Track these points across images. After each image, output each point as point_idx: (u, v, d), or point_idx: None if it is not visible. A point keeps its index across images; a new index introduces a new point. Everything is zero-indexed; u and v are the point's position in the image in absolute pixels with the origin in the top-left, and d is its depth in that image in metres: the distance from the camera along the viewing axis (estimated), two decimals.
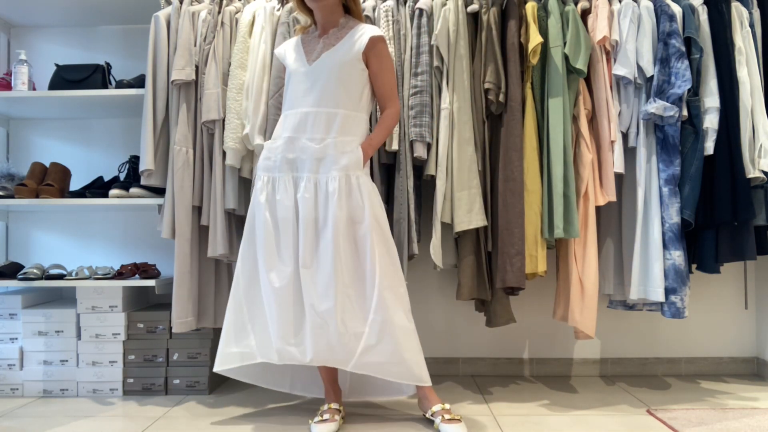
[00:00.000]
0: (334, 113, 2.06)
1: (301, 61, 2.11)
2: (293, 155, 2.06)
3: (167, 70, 2.43)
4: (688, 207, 2.28)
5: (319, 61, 2.08)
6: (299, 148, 2.05)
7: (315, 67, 2.07)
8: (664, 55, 2.32)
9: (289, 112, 2.10)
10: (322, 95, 2.06)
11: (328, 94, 2.06)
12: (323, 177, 2.03)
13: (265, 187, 2.08)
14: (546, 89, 2.33)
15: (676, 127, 2.30)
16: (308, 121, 2.05)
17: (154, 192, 2.53)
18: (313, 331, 1.98)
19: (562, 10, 2.34)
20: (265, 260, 2.05)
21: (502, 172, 2.31)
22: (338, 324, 1.97)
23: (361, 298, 2.01)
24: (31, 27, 3.00)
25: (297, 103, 2.09)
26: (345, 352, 1.98)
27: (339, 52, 2.07)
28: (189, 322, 2.36)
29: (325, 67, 2.06)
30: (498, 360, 2.82)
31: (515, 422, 2.14)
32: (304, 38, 2.17)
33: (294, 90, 2.10)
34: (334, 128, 2.05)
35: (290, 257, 2.02)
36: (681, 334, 2.81)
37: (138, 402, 2.43)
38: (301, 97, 2.08)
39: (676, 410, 2.23)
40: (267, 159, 2.10)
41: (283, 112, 2.15)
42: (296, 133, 2.06)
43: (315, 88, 2.06)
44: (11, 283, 2.50)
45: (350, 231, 2.01)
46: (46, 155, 2.93)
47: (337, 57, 2.06)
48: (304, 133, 2.06)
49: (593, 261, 2.30)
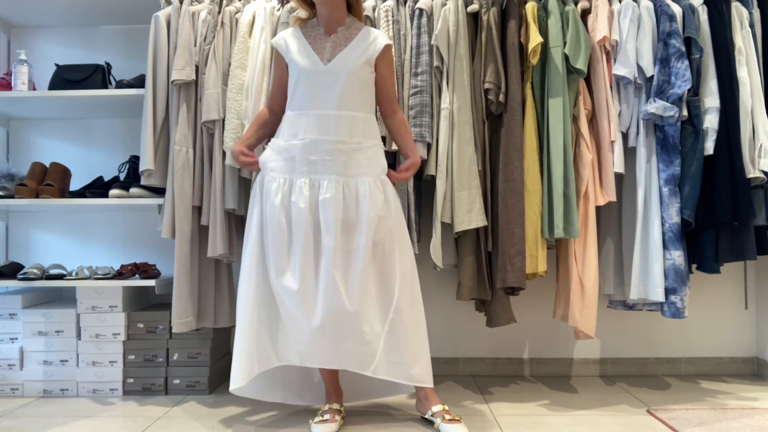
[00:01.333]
0: (355, 116, 2.04)
1: (312, 59, 2.04)
2: (315, 157, 2.00)
3: (167, 70, 2.43)
4: (688, 207, 2.28)
5: (336, 61, 2.03)
6: (322, 151, 2.00)
7: (332, 68, 2.02)
8: (664, 55, 2.32)
9: (304, 112, 2.04)
10: (342, 98, 2.02)
11: (349, 97, 2.03)
12: (352, 180, 2.01)
13: (281, 189, 2.01)
14: (546, 89, 2.33)
15: (676, 127, 2.30)
16: (330, 123, 2.01)
17: (154, 192, 2.53)
18: (338, 333, 1.95)
19: (562, 10, 2.34)
20: (276, 264, 1.98)
21: (502, 172, 2.31)
22: (364, 325, 1.96)
23: (382, 297, 2.01)
24: (31, 27, 3.00)
25: (314, 104, 2.03)
26: (366, 355, 1.97)
27: (353, 54, 2.04)
28: (189, 322, 2.36)
29: (342, 68, 2.02)
30: (498, 360, 2.82)
31: (515, 422, 2.14)
32: (306, 32, 2.10)
33: (308, 90, 2.04)
34: (357, 131, 2.03)
35: (304, 260, 1.96)
36: (681, 334, 2.81)
37: (138, 402, 2.43)
38: (319, 98, 2.03)
39: (676, 410, 2.23)
40: (286, 160, 2.03)
41: (293, 111, 2.07)
42: (318, 135, 2.01)
43: (334, 90, 2.02)
44: (11, 283, 2.50)
45: (377, 232, 2.00)
46: (46, 155, 2.93)
47: (352, 59, 2.03)
48: (326, 135, 2.01)
49: (593, 261, 2.30)
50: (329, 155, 2.00)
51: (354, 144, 2.03)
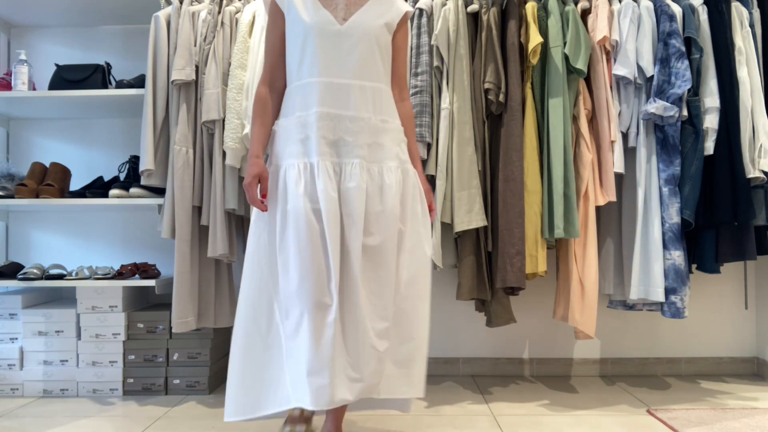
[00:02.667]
0: (377, 88, 1.73)
1: (323, 17, 1.70)
2: (335, 136, 1.68)
3: (167, 70, 2.43)
4: (688, 207, 2.28)
5: (353, 21, 1.70)
6: (343, 129, 1.68)
7: (349, 28, 1.69)
8: (664, 55, 2.32)
9: (315, 80, 1.68)
10: (361, 64, 1.69)
11: (370, 65, 1.71)
12: (376, 166, 1.71)
13: (302, 175, 1.66)
14: (546, 89, 2.33)
15: (676, 127, 2.30)
16: (350, 95, 1.68)
17: (154, 192, 2.53)
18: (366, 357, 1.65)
19: (562, 10, 2.34)
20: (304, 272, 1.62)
21: (502, 172, 2.31)
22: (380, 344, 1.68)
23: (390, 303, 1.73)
24: (31, 27, 3.00)
25: (328, 70, 1.68)
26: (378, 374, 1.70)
27: (371, 13, 1.73)
28: (189, 322, 2.36)
29: (361, 29, 1.70)
30: (498, 360, 2.82)
31: (515, 422, 2.14)
32: None
33: (320, 53, 1.68)
34: (380, 107, 1.72)
35: (338, 263, 1.64)
36: (681, 334, 2.81)
37: (138, 402, 2.43)
38: (335, 65, 1.68)
39: (676, 410, 2.23)
40: (301, 141, 1.68)
41: (301, 81, 1.71)
42: (335, 109, 1.67)
43: (352, 55, 1.69)
44: (11, 283, 2.50)
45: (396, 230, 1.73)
46: (46, 155, 2.93)
47: (370, 19, 1.72)
48: (346, 110, 1.68)
49: (593, 261, 2.30)
50: (351, 135, 1.68)
51: (378, 122, 1.72)
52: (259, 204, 1.71)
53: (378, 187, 1.70)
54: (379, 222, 1.69)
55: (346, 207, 1.66)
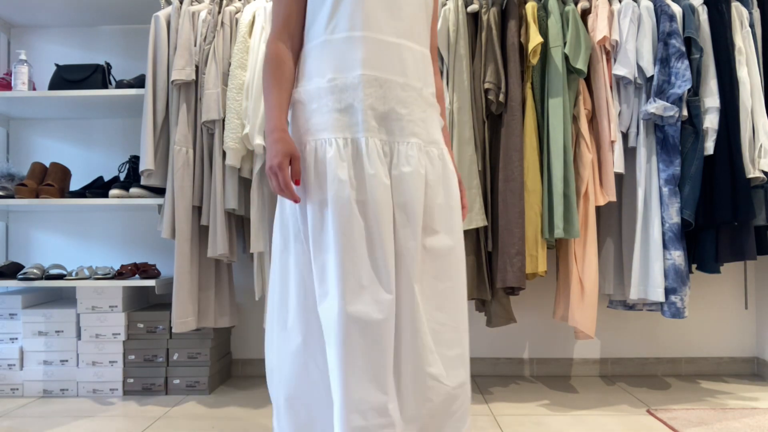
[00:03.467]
0: (425, 55, 1.41)
1: None
2: (385, 107, 1.33)
3: (167, 70, 2.43)
4: (688, 207, 2.29)
5: None
6: (394, 98, 1.33)
7: None
8: (664, 55, 2.32)
9: (359, 34, 1.32)
10: (413, 22, 1.37)
11: (421, 23, 1.39)
12: (435, 149, 1.41)
13: (344, 157, 1.30)
14: (546, 89, 2.33)
15: (676, 127, 2.30)
16: (404, 57, 1.34)
17: (154, 192, 2.53)
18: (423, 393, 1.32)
19: (562, 10, 2.34)
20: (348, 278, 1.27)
21: (502, 172, 2.31)
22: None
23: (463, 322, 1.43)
24: (31, 27, 3.00)
25: (374, 24, 1.32)
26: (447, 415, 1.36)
27: None
28: (189, 322, 2.36)
29: None
30: (498, 360, 2.82)
31: (515, 422, 2.14)
32: None
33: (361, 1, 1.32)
34: (427, 79, 1.41)
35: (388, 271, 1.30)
36: (681, 334, 2.81)
37: (138, 402, 2.43)
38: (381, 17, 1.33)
39: (676, 410, 2.23)
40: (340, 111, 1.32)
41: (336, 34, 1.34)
42: (385, 73, 1.33)
43: (403, 11, 1.35)
44: (11, 283, 2.50)
45: None
46: (46, 155, 2.93)
47: None
48: (398, 75, 1.34)
49: (593, 261, 2.30)
50: (404, 106, 1.34)
51: (429, 95, 1.41)
52: (293, 191, 1.31)
53: (439, 174, 1.38)
54: (445, 218, 1.38)
55: (399, 197, 1.32)
